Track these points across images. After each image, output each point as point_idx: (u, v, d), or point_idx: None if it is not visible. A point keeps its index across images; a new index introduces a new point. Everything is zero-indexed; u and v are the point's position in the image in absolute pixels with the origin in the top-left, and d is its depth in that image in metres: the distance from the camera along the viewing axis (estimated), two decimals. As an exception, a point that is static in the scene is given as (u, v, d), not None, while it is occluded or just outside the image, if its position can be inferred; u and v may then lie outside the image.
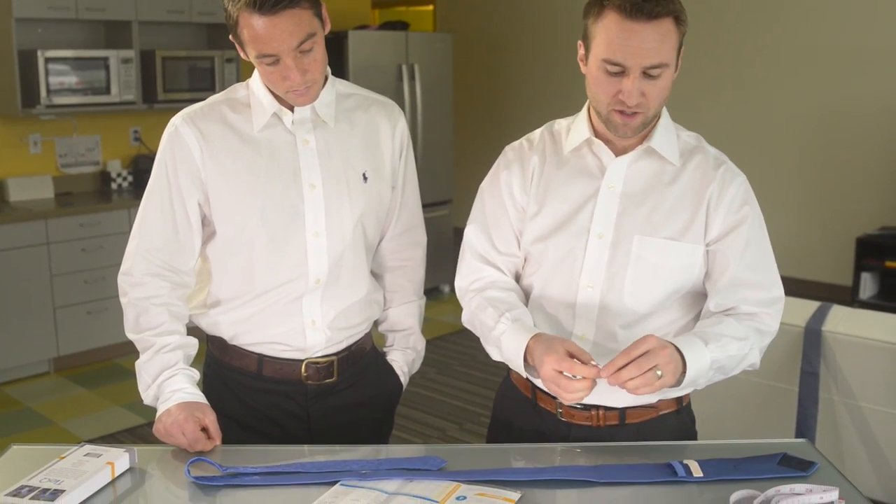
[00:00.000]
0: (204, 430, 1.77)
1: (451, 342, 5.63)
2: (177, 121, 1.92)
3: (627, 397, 1.81)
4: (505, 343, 1.76)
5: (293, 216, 1.90)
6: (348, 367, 2.02)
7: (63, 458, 1.64)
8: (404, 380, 2.13)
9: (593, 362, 1.62)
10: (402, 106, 6.29)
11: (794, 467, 1.67)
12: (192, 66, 5.75)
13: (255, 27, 1.72)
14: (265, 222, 1.89)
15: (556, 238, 1.79)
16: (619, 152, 1.78)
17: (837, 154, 6.31)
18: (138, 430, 4.37)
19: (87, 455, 1.65)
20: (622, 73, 1.64)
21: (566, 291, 1.80)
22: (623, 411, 1.83)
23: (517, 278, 1.92)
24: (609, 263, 1.76)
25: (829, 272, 6.43)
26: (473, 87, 8.24)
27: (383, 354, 2.15)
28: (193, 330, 1.98)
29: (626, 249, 1.75)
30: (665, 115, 1.79)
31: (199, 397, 1.84)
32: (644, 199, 1.76)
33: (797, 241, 6.54)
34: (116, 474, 1.64)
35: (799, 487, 1.54)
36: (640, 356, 1.58)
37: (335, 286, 1.96)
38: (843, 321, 3.21)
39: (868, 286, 5.88)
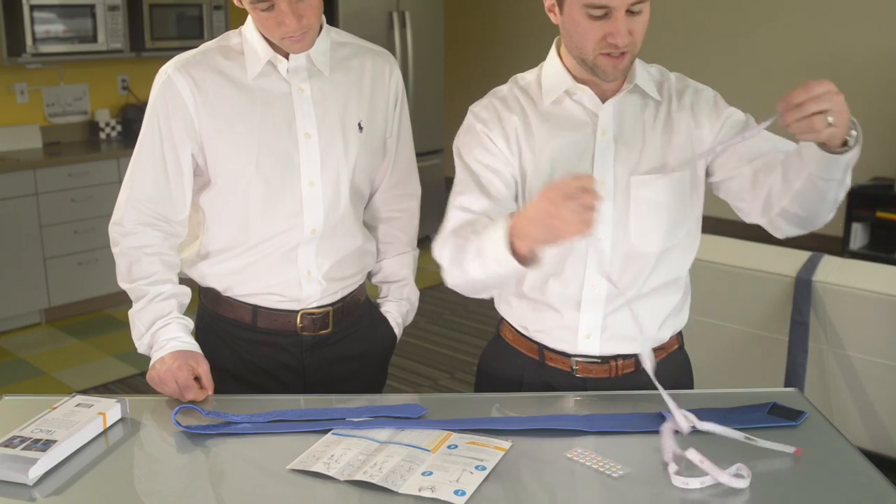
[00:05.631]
0: (196, 379, 1.77)
1: (442, 292, 5.63)
2: (169, 69, 1.88)
3: (646, 340, 1.78)
4: (486, 236, 1.58)
5: (288, 166, 1.89)
6: (343, 318, 2.02)
7: (54, 408, 1.64)
8: (398, 331, 2.13)
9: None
10: (392, 54, 6.22)
11: (784, 416, 1.69)
12: (181, 14, 5.67)
13: None
14: (260, 172, 1.88)
15: None
16: (602, 96, 1.74)
17: (830, 104, 6.28)
18: (130, 380, 4.38)
19: (78, 405, 1.65)
20: (605, 14, 1.59)
21: (575, 244, 1.74)
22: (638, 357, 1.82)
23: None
24: (613, 210, 1.74)
25: (819, 222, 6.43)
26: (465, 34, 8.16)
27: (377, 306, 2.15)
28: (185, 281, 1.97)
29: (624, 192, 1.74)
30: None
31: (194, 346, 1.84)
32: (634, 139, 1.74)
33: (789, 191, 6.53)
34: (108, 424, 1.64)
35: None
36: (814, 95, 1.40)
37: (330, 237, 1.95)
38: (833, 271, 3.22)
39: (859, 236, 5.89)
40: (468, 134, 1.80)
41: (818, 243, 6.14)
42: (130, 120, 5.72)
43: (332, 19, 5.89)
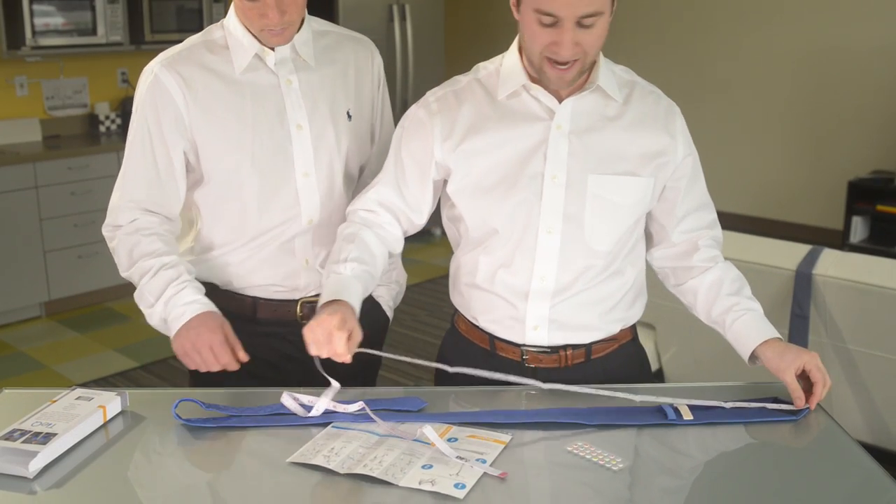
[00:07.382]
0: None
1: (442, 284, 5.63)
2: (155, 67, 1.87)
3: (594, 332, 1.83)
4: (328, 279, 1.75)
5: (282, 158, 1.89)
6: None
7: (54, 401, 1.64)
8: (390, 314, 2.15)
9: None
10: (392, 47, 6.24)
11: (785, 409, 1.68)
12: (180, 7, 5.65)
13: None
14: (256, 166, 1.88)
15: (508, 185, 1.75)
16: (557, 94, 1.73)
17: (830, 97, 6.28)
18: (130, 373, 4.38)
19: (78, 398, 1.65)
20: (554, 24, 1.59)
21: (524, 236, 1.76)
22: (589, 347, 1.83)
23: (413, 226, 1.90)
24: (566, 205, 1.74)
25: (820, 216, 6.44)
26: (465, 27, 8.15)
27: None
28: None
29: (580, 189, 1.73)
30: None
31: (214, 307, 1.82)
32: (592, 137, 1.74)
33: (788, 184, 6.53)
34: (108, 418, 1.64)
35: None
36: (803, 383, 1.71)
37: (326, 225, 1.96)
38: (833, 265, 3.22)
39: (859, 230, 5.89)
40: (416, 128, 1.83)
41: (818, 237, 6.15)
42: (130, 113, 5.69)
43: (332, 11, 5.88)
